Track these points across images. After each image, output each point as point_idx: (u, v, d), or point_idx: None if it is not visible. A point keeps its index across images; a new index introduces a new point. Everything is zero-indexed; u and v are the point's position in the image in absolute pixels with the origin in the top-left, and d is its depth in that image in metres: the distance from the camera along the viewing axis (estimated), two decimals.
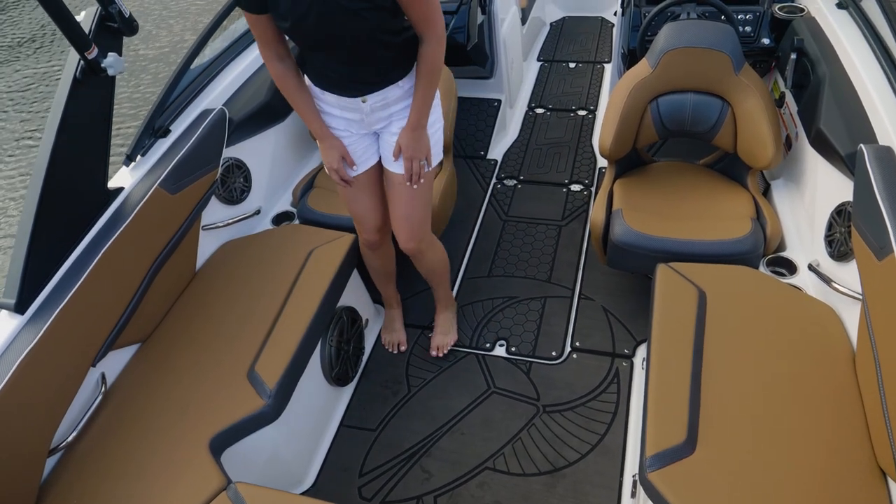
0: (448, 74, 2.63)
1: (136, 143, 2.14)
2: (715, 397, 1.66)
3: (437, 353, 2.45)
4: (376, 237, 2.20)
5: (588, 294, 2.60)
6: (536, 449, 2.13)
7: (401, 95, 1.87)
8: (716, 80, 2.28)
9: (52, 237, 1.82)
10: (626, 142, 2.38)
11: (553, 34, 4.37)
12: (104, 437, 1.81)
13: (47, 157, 1.76)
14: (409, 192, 2.00)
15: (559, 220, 2.96)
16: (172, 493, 1.65)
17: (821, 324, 1.85)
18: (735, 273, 1.99)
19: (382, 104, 1.87)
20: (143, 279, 2.02)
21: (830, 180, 2.04)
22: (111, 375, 1.99)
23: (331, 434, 2.25)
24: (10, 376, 1.60)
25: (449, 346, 2.48)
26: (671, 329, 1.82)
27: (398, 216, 2.06)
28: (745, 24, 2.61)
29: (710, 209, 2.29)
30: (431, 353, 2.46)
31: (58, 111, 1.79)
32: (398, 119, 1.92)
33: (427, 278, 2.37)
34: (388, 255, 2.31)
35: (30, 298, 1.76)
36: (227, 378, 1.91)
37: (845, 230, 1.91)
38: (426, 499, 2.04)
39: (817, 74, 2.16)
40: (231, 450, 1.87)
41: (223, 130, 2.35)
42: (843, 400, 1.65)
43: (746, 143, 2.27)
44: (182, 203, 2.17)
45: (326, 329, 2.19)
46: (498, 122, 3.41)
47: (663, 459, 1.54)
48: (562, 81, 3.88)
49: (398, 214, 2.05)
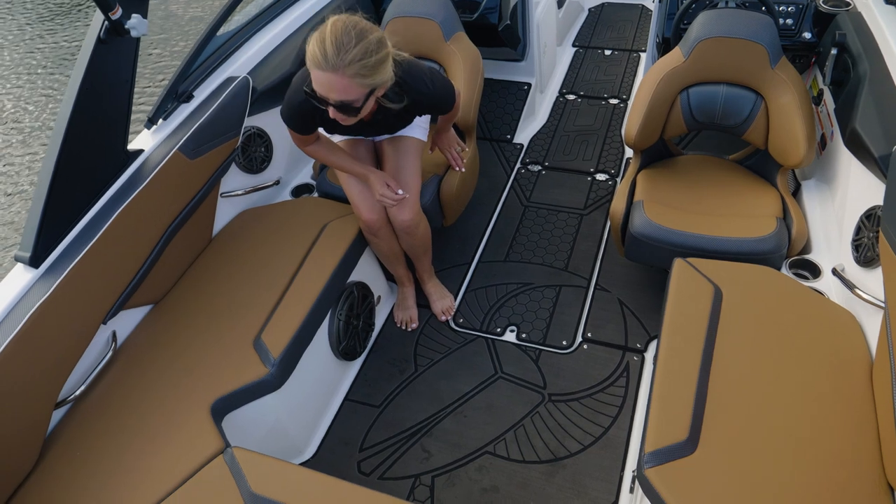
0: (475, 54, 2.58)
1: (158, 106, 2.16)
2: (721, 398, 1.62)
3: (445, 315, 2.50)
4: (373, 217, 2.22)
5: (604, 285, 2.56)
6: (538, 437, 2.11)
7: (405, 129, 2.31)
8: (750, 72, 2.20)
9: (69, 194, 1.84)
10: (652, 132, 2.32)
11: (591, 20, 4.28)
12: (110, 393, 1.85)
13: (68, 116, 1.78)
14: (400, 164, 2.23)
15: (581, 209, 2.91)
16: (171, 453, 1.67)
17: (840, 330, 1.78)
18: (754, 272, 1.93)
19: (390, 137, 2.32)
20: (157, 241, 2.04)
21: (862, 183, 1.96)
22: (122, 334, 2.03)
23: (335, 407, 2.26)
24: (21, 327, 1.64)
25: (452, 308, 2.52)
26: (683, 325, 1.78)
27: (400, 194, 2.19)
28: (787, 17, 2.51)
29: (735, 206, 2.23)
30: (441, 318, 2.50)
31: (80, 70, 1.80)
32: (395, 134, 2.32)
33: (412, 253, 2.40)
34: (390, 237, 2.32)
35: (45, 253, 1.79)
36: (234, 344, 1.93)
37: (873, 235, 1.84)
38: (424, 478, 2.04)
39: (857, 72, 2.07)
40: (234, 416, 1.89)
41: (246, 99, 2.35)
42: (856, 411, 1.59)
43: (778, 139, 2.19)
44: (201, 168, 2.18)
45: (336, 303, 2.19)
46: (527, 107, 3.36)
47: (662, 457, 1.51)
48: (596, 68, 3.80)
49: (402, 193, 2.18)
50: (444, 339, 2.44)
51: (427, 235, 2.36)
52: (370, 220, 2.22)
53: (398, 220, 2.22)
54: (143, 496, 1.59)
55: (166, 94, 2.17)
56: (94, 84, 1.83)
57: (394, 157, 2.27)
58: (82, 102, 1.81)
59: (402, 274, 2.48)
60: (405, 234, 2.28)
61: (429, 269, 2.52)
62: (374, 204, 2.22)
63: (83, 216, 1.90)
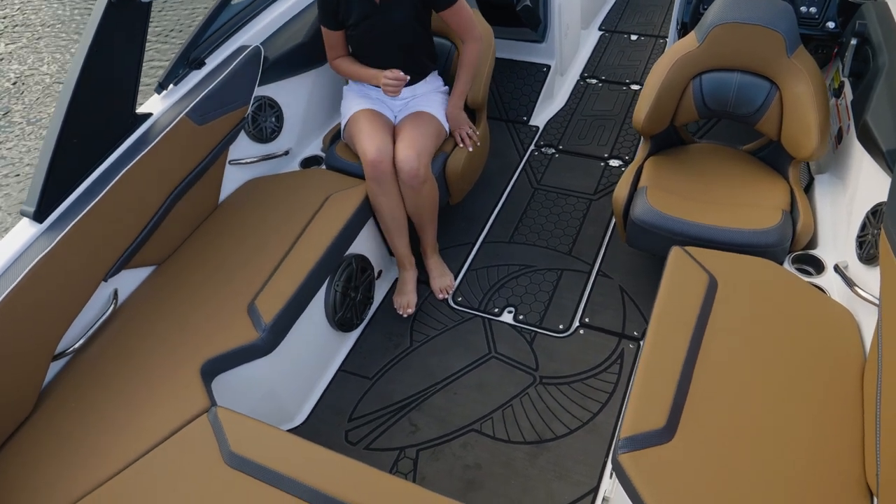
0: (488, 32, 2.56)
1: (168, 71, 2.19)
2: (704, 388, 1.60)
3: (443, 294, 2.52)
4: (379, 158, 2.25)
5: (607, 272, 2.53)
6: (526, 418, 2.11)
7: (426, 91, 2.51)
8: (765, 60, 2.14)
9: (75, 153, 1.89)
10: (662, 118, 2.28)
11: (620, 4, 4.19)
12: (106, 349, 1.90)
13: (76, 76, 1.82)
14: (416, 127, 2.35)
15: (591, 194, 2.88)
16: (158, 410, 1.72)
17: (836, 328, 1.74)
18: (753, 264, 1.90)
19: (412, 96, 2.49)
20: (162, 203, 2.09)
21: (872, 178, 1.90)
22: (124, 293, 2.08)
23: (328, 377, 2.30)
24: (21, 280, 1.69)
25: (451, 287, 2.53)
26: (672, 313, 1.76)
27: (404, 142, 2.30)
28: (811, 5, 2.43)
29: (741, 196, 2.18)
30: (439, 296, 2.51)
31: (90, 33, 1.84)
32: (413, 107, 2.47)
33: (416, 219, 2.43)
34: (394, 191, 2.31)
35: (49, 209, 1.85)
36: (229, 308, 1.97)
37: (877, 232, 1.78)
38: (409, 451, 2.07)
39: (876, 63, 2.00)
40: (227, 379, 1.93)
41: (257, 68, 2.37)
42: (842, 410, 1.56)
43: (791, 130, 2.13)
44: (208, 134, 2.22)
45: (334, 273, 2.21)
46: (545, 89, 3.32)
47: (637, 443, 1.50)
48: (620, 53, 3.73)
49: (404, 142, 2.30)
50: (442, 317, 2.45)
51: (433, 199, 2.38)
52: (375, 159, 2.25)
53: (403, 164, 2.25)
54: (125, 449, 1.64)
55: (177, 60, 2.20)
56: (103, 47, 1.86)
57: (410, 124, 2.37)
58: (91, 64, 1.85)
59: (402, 253, 2.47)
60: (409, 189, 2.29)
61: (433, 243, 2.53)
62: (381, 145, 2.28)
63: (89, 175, 1.95)
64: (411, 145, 2.28)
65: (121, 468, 1.61)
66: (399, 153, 2.28)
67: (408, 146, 2.28)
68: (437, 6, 2.33)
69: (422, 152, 2.28)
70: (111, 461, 1.63)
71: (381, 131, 2.36)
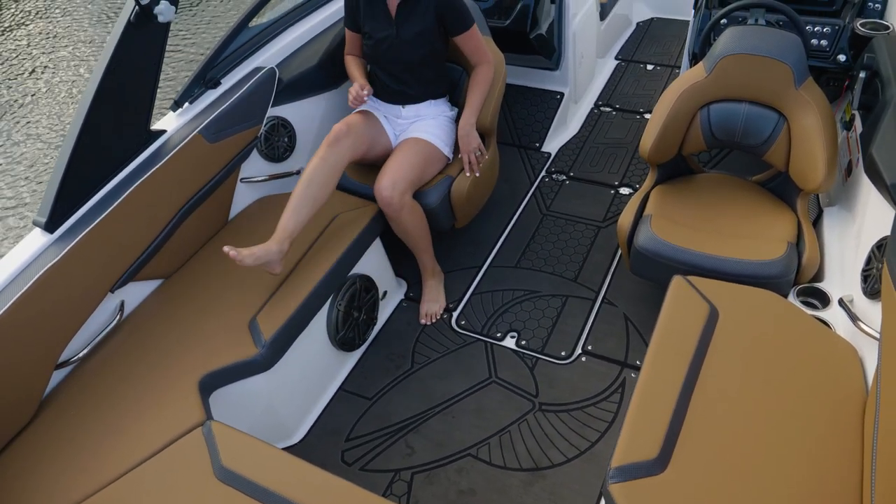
0: (499, 59, 2.59)
1: (185, 90, 2.25)
2: (700, 420, 1.57)
3: (427, 320, 2.51)
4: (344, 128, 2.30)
5: (612, 299, 2.52)
6: (523, 444, 2.09)
7: (432, 114, 2.52)
8: (773, 92, 2.14)
9: (88, 166, 1.94)
10: (669, 147, 2.28)
11: (637, 34, 4.22)
12: (109, 359, 1.94)
13: (93, 92, 1.88)
14: (404, 154, 2.35)
15: (599, 222, 2.87)
16: (155, 420, 1.74)
17: (838, 363, 1.71)
18: (755, 296, 1.87)
19: (416, 117, 2.51)
20: (171, 218, 2.13)
21: (878, 211, 1.88)
22: (131, 305, 2.12)
23: (328, 396, 2.30)
24: (29, 287, 1.74)
25: (438, 314, 2.53)
26: (671, 342, 1.74)
27: (386, 169, 2.32)
28: (822, 38, 2.43)
29: (747, 227, 2.16)
30: (421, 321, 2.50)
31: (109, 50, 1.90)
32: (412, 132, 2.47)
33: (408, 244, 2.44)
34: (342, 158, 2.28)
35: (60, 220, 1.90)
36: (231, 323, 1.99)
37: (881, 266, 1.75)
38: (403, 473, 2.05)
39: (885, 96, 1.98)
40: (226, 394, 1.95)
41: (271, 89, 2.43)
42: (841, 447, 1.52)
43: (798, 162, 2.12)
44: (220, 152, 2.27)
45: (337, 292, 2.23)
46: (558, 116, 3.35)
47: (628, 473, 1.48)
48: (635, 82, 3.75)
49: (386, 169, 2.32)
50: (445, 339, 2.45)
51: (416, 226, 2.37)
52: (341, 128, 2.30)
53: (378, 192, 2.27)
54: (119, 459, 1.66)
55: (194, 79, 2.26)
56: (121, 64, 1.93)
57: (400, 151, 2.38)
58: (108, 81, 1.91)
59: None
60: (388, 216, 2.32)
61: (430, 267, 2.54)
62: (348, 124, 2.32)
63: (101, 188, 2.00)
64: (390, 174, 2.28)
65: (114, 478, 1.63)
66: (378, 181, 2.29)
67: (387, 174, 2.28)
68: (451, 30, 2.39)
69: (399, 181, 2.27)
70: (105, 471, 1.64)
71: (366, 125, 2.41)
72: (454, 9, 2.33)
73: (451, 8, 2.33)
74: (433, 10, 2.32)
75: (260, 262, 2.03)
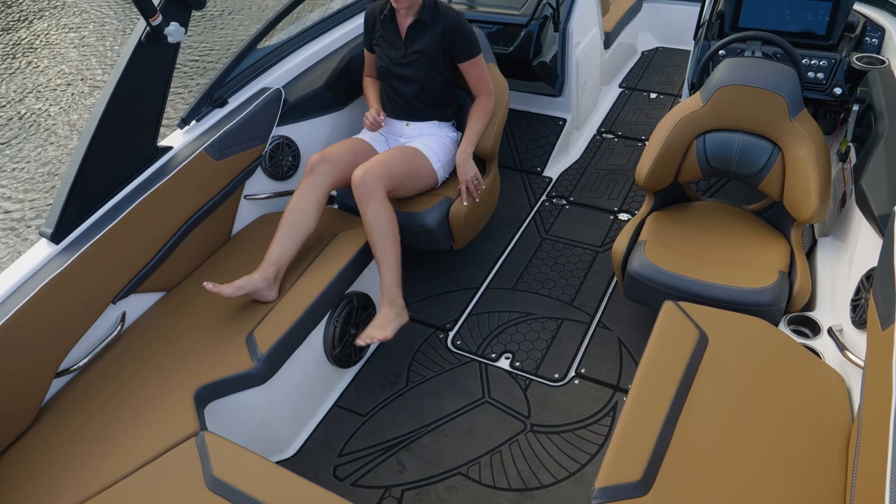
0: (502, 86, 2.65)
1: (192, 108, 2.32)
2: (685, 444, 1.59)
3: (363, 340, 2.16)
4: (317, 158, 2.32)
5: (607, 323, 2.54)
6: (513, 465, 2.10)
7: (431, 132, 2.60)
8: (768, 122, 2.17)
9: (95, 180, 2.00)
10: (665, 175, 2.32)
11: (642, 62, 4.29)
12: (108, 369, 1.97)
13: (102, 109, 1.94)
14: (390, 154, 2.38)
15: (598, 246, 2.90)
16: (150, 430, 1.77)
17: (825, 392, 1.72)
18: (745, 323, 1.89)
19: (417, 134, 2.58)
20: (175, 232, 2.18)
21: (868, 242, 1.90)
22: (132, 316, 2.16)
23: (323, 411, 2.33)
24: (31, 297, 1.78)
25: (376, 340, 2.17)
26: (659, 367, 1.76)
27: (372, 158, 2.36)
28: (819, 71, 2.47)
29: (740, 256, 2.19)
30: (358, 340, 2.16)
31: (119, 68, 1.97)
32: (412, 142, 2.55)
33: (374, 249, 2.28)
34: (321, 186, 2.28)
35: (66, 231, 1.95)
36: (228, 337, 2.03)
37: (869, 296, 1.77)
38: (394, 490, 2.07)
39: (877, 129, 2.02)
40: (222, 407, 1.98)
41: (276, 109, 2.49)
42: (826, 475, 1.53)
43: (792, 192, 2.15)
44: (225, 170, 2.32)
45: (334, 309, 2.27)
46: (560, 142, 3.39)
47: (611, 494, 1.49)
48: (638, 110, 3.80)
49: (372, 158, 2.36)
50: (440, 359, 2.48)
51: (381, 221, 2.25)
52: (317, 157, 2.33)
53: (354, 177, 2.25)
54: (113, 467, 1.69)
55: (201, 98, 2.33)
56: (130, 82, 1.99)
57: (391, 149, 2.44)
58: (118, 98, 1.97)
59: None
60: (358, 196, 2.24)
61: (386, 286, 2.29)
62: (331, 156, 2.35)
63: (107, 202, 2.06)
64: (369, 164, 2.28)
65: (106, 486, 1.66)
66: (356, 169, 2.29)
67: (366, 165, 2.28)
68: (457, 56, 2.46)
69: (374, 168, 2.26)
70: (98, 478, 1.67)
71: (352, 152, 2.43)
72: (461, 35, 2.42)
73: (459, 35, 2.42)
74: (440, 35, 2.42)
75: (241, 292, 2.06)
